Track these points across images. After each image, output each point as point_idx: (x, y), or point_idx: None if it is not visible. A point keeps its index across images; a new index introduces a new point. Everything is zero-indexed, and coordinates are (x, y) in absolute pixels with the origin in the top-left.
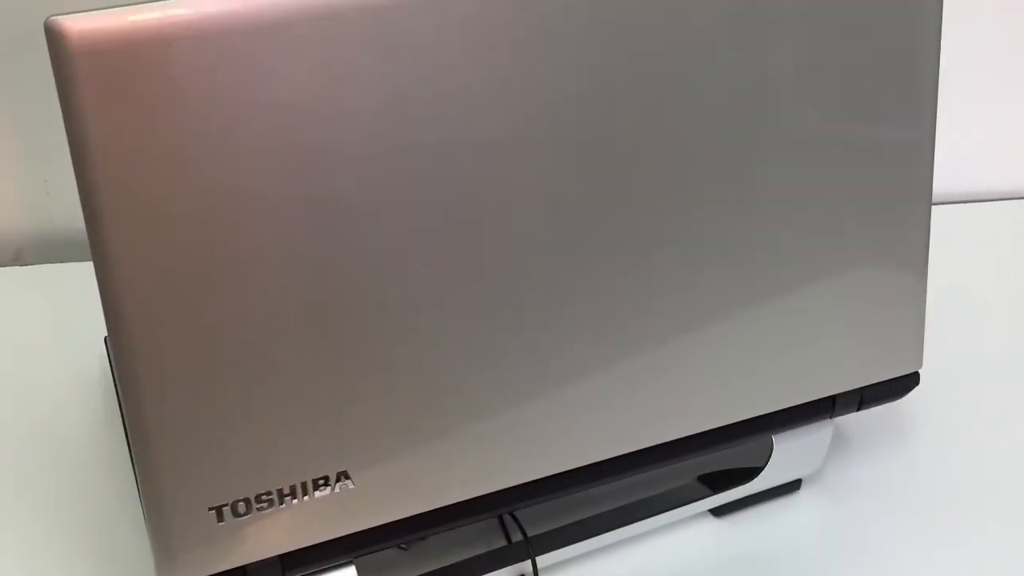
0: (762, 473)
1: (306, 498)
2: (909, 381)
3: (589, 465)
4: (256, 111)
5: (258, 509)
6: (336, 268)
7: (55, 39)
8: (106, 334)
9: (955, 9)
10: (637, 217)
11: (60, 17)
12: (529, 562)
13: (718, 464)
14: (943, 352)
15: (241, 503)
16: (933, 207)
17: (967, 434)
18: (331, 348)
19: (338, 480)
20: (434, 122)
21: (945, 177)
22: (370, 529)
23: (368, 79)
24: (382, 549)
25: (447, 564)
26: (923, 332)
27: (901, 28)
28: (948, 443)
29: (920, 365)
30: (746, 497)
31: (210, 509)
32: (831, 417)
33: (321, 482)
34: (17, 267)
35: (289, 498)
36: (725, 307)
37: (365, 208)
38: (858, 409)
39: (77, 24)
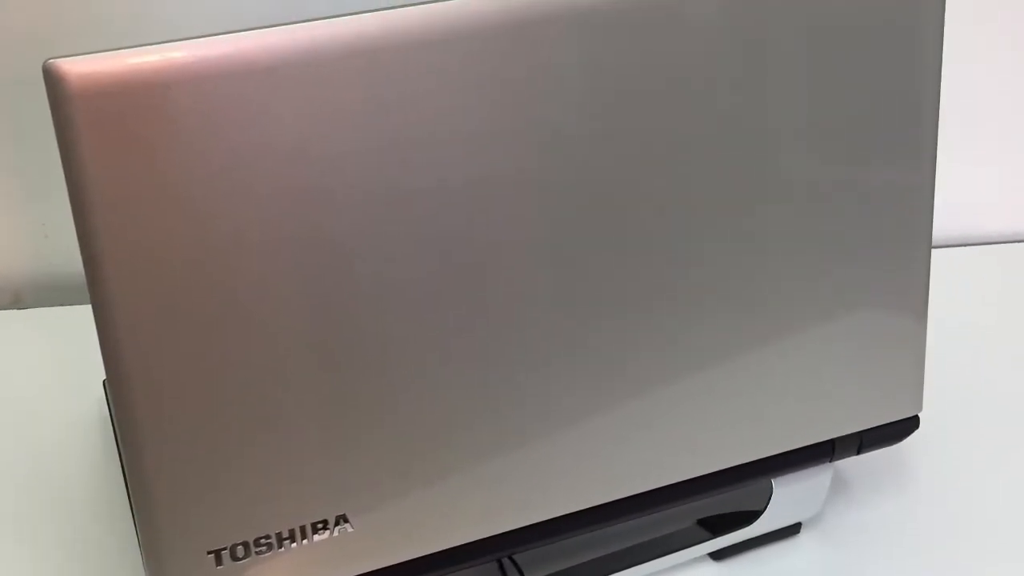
0: (762, 517)
1: (305, 542)
2: (909, 425)
3: (588, 509)
4: (255, 153)
5: (257, 553)
6: (336, 312)
7: (53, 81)
8: (105, 377)
9: (955, 51)
10: (637, 262)
11: (58, 59)
12: None
13: (717, 507)
14: (942, 396)
15: (240, 547)
16: (933, 250)
17: (967, 477)
18: (330, 392)
19: (337, 524)
20: (432, 165)
21: (945, 221)
22: (369, 573)
23: (366, 121)
24: None
25: None
26: (923, 376)
27: (901, 72)
28: (948, 486)
29: (920, 409)
30: (745, 541)
31: (208, 553)
32: (831, 461)
33: (320, 526)
34: (15, 310)
35: (288, 542)
36: (725, 351)
37: (364, 251)
38: (858, 453)
39: (76, 66)
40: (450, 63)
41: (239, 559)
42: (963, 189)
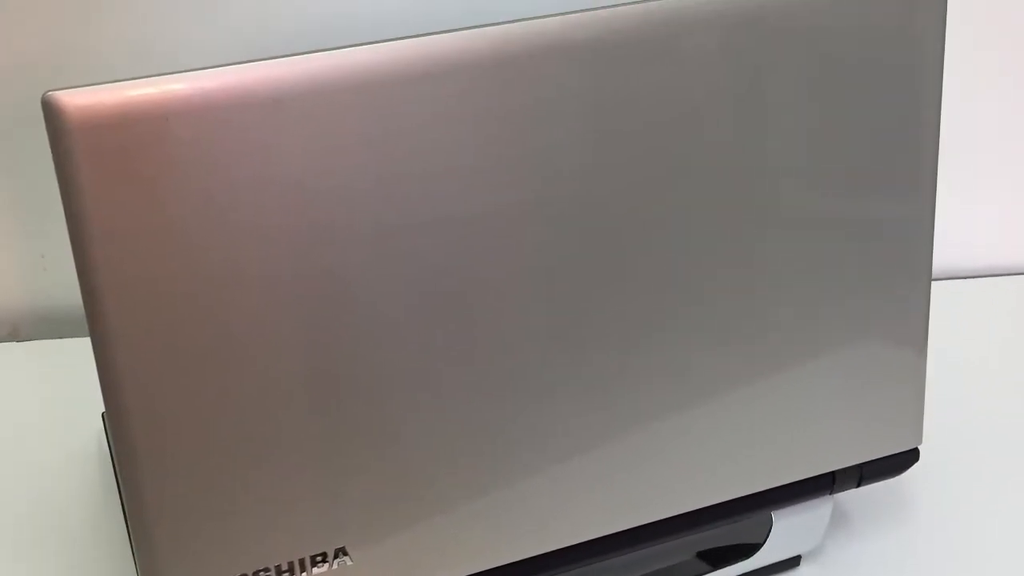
0: (761, 549)
1: (304, 575)
2: (909, 457)
3: (587, 542)
4: (253, 186)
5: None
6: (335, 344)
7: (52, 113)
8: (103, 410)
9: (955, 84)
10: (634, 294)
11: (57, 91)
12: None
13: (717, 540)
14: (943, 428)
15: None
16: (933, 283)
17: (967, 510)
18: (330, 424)
19: (336, 557)
20: (430, 198)
21: (945, 253)
22: None
23: (366, 154)
24: None
25: None
26: (923, 408)
27: (900, 104)
28: (948, 519)
29: (920, 441)
30: (745, 573)
31: None
32: (831, 493)
33: (319, 559)
34: (14, 342)
35: (287, 575)
36: (724, 383)
37: (363, 284)
38: (858, 485)
39: (74, 99)
40: (449, 95)
41: None
42: (963, 221)
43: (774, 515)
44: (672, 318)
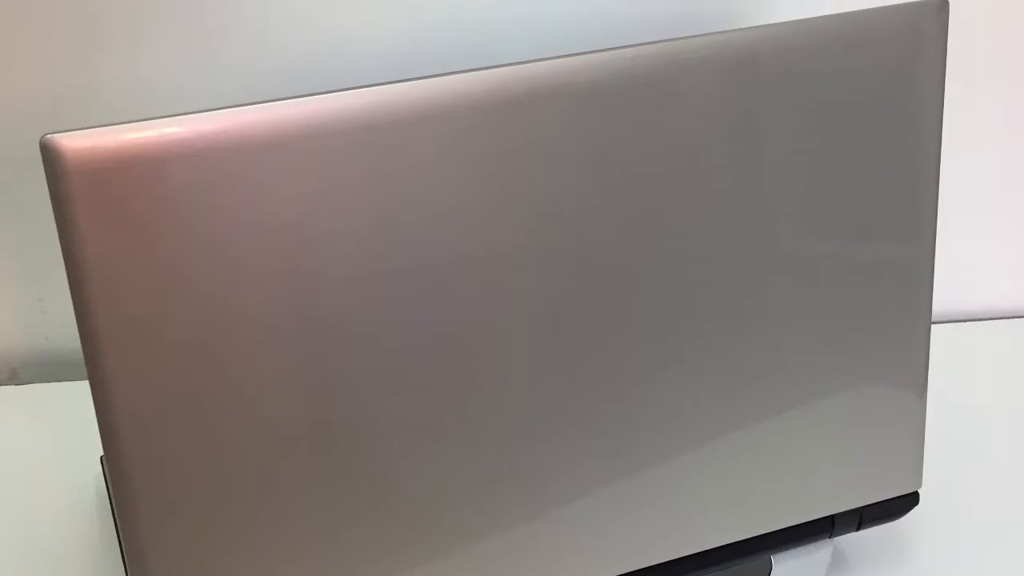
0: None
1: None
2: (908, 501)
3: None
4: (251, 230)
5: None
6: (333, 388)
7: (50, 156)
8: (102, 453)
9: (955, 126)
10: (634, 338)
11: (55, 135)
12: None
13: None
14: (943, 472)
15: None
16: (933, 325)
17: (966, 554)
18: (329, 469)
19: None
20: (430, 241)
21: (945, 296)
22: None
23: (363, 197)
24: None
25: None
26: (922, 452)
27: (900, 148)
28: (947, 563)
29: (919, 485)
30: None
31: None
32: (830, 537)
33: None
34: (12, 386)
35: None
36: (723, 427)
37: (362, 328)
38: (857, 529)
39: (72, 142)
40: (447, 138)
41: None
42: (963, 264)
43: (773, 559)
44: (671, 362)
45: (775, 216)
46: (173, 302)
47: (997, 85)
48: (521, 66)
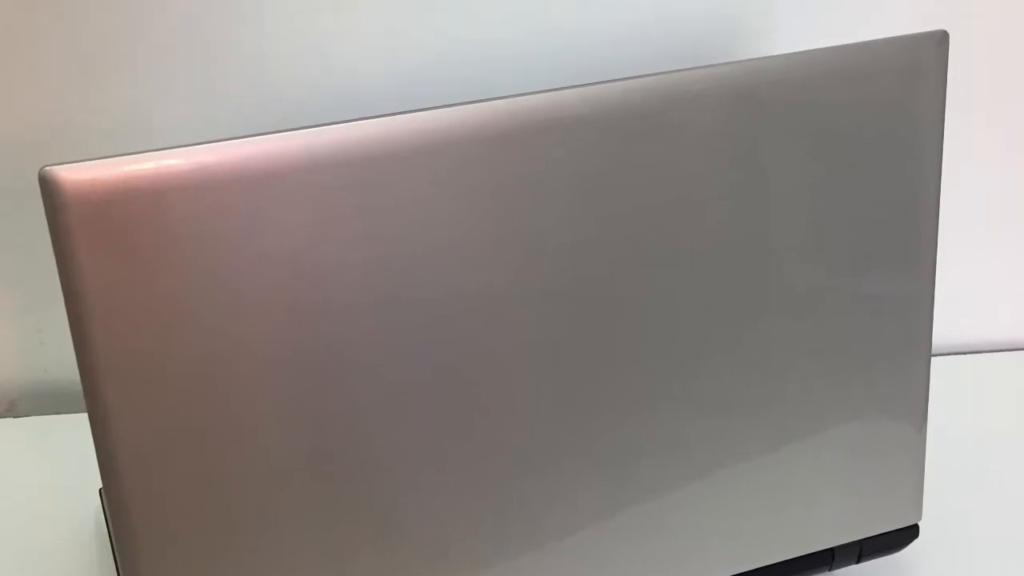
0: None
1: None
2: (908, 533)
3: None
4: (250, 262)
5: None
6: (334, 421)
7: (49, 189)
8: (101, 486)
9: (955, 157)
10: (634, 369)
11: (54, 167)
12: None
13: None
14: (942, 504)
15: None
16: (933, 358)
17: None
18: (330, 501)
19: None
20: (428, 273)
21: (945, 328)
22: None
23: (363, 229)
24: None
25: None
26: (923, 484)
27: (900, 181)
28: None
29: (919, 517)
30: None
31: None
32: (830, 569)
33: None
34: (11, 418)
35: None
36: (723, 459)
37: (362, 359)
38: (857, 561)
39: (72, 174)
40: (446, 170)
41: None
42: (963, 297)
43: None
44: (670, 394)
45: (775, 248)
46: (172, 334)
47: (997, 111)
48: (520, 98)
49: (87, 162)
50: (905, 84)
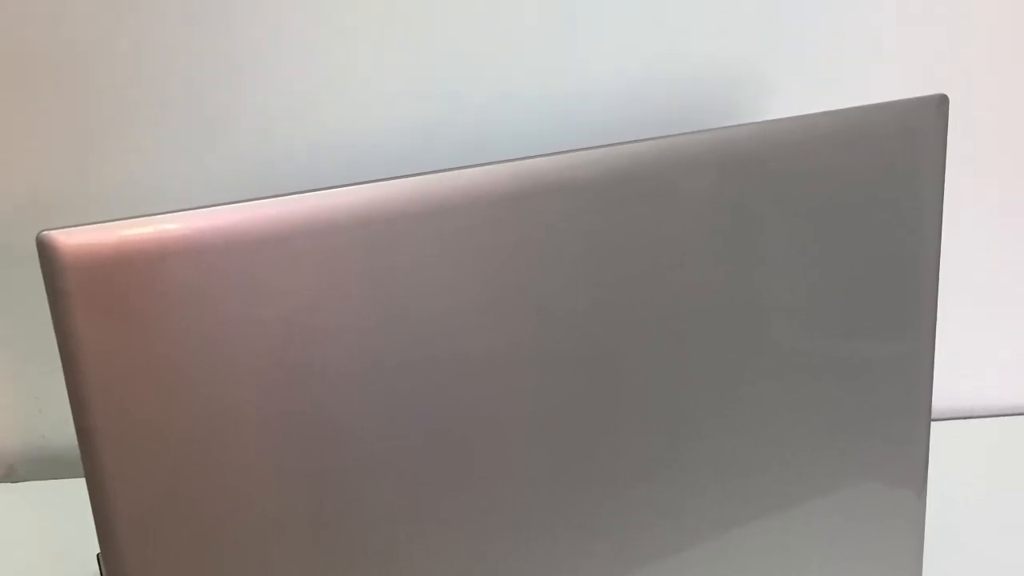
0: None
1: None
2: None
3: None
4: (248, 326)
5: None
6: (333, 487)
7: (47, 253)
8: (99, 551)
9: (953, 221)
10: (633, 435)
11: (52, 231)
12: None
13: None
14: (942, 571)
15: None
16: (932, 423)
17: None
18: (328, 566)
19: None
20: (427, 338)
21: (945, 392)
22: None
23: (362, 293)
24: None
25: None
26: (922, 550)
27: (899, 243)
28: None
29: None
30: None
31: None
32: None
33: None
34: (8, 483)
35: None
36: (722, 524)
37: (358, 424)
38: None
39: (70, 238)
40: (446, 234)
41: None
42: (963, 362)
43: None
44: (668, 461)
45: (774, 313)
46: (170, 399)
47: (997, 171)
48: (520, 162)
49: (85, 226)
50: (905, 147)
